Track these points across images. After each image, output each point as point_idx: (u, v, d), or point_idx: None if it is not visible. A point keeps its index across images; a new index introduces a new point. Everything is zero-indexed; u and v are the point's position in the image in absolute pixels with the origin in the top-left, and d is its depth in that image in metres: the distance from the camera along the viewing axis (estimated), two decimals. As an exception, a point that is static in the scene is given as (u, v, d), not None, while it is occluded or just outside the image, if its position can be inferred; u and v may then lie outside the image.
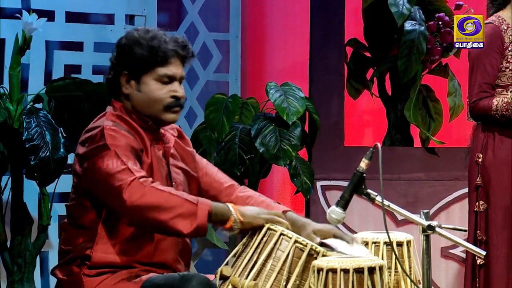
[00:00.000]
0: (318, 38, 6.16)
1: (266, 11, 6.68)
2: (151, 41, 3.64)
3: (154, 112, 3.66)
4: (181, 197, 3.50)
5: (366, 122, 6.74)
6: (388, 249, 3.65)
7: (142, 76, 3.64)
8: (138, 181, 3.48)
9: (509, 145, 4.60)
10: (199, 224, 3.48)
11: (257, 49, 6.66)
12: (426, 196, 6.05)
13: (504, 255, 4.56)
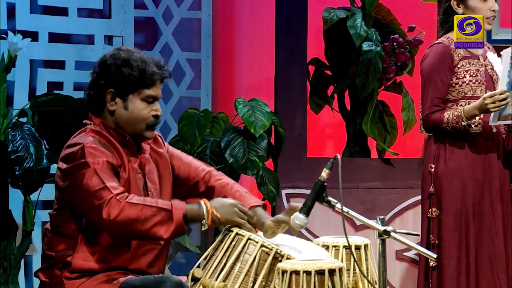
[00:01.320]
0: (283, 57, 6.16)
1: (235, 32, 6.67)
2: (140, 63, 3.64)
3: (137, 130, 3.66)
4: (156, 206, 3.50)
5: (327, 135, 6.74)
6: (347, 252, 3.64)
7: (129, 95, 3.63)
8: (115, 199, 3.47)
9: (459, 156, 4.60)
10: (177, 227, 3.50)
11: (227, 68, 6.64)
12: (382, 203, 6.04)
13: (455, 257, 4.56)
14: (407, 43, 6.14)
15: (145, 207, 3.49)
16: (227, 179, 3.83)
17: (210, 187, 3.79)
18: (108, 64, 3.64)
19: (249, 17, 6.62)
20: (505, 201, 4.61)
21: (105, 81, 3.63)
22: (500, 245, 4.57)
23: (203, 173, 3.82)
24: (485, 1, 4.60)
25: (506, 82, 4.39)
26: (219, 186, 3.79)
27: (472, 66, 4.62)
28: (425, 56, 4.70)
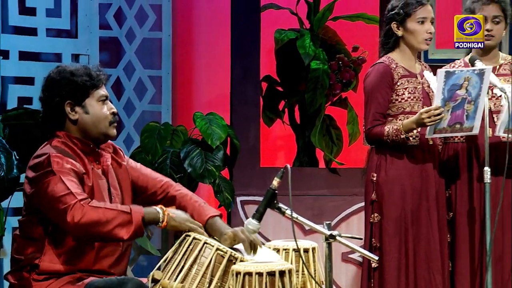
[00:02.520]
0: (238, 74, 6.17)
1: (193, 51, 6.67)
2: (84, 69, 3.68)
3: (102, 129, 3.68)
4: (116, 210, 3.51)
5: (278, 146, 6.74)
6: (296, 255, 3.65)
7: (86, 100, 3.66)
8: (79, 203, 3.47)
9: (399, 166, 4.61)
10: (136, 229, 3.50)
11: (186, 84, 6.63)
12: (329, 209, 6.06)
13: (395, 259, 4.57)
14: (352, 62, 6.18)
15: (106, 210, 3.49)
16: (186, 190, 3.84)
17: (171, 196, 3.79)
18: (57, 80, 3.66)
19: (206, 37, 6.62)
20: (440, 208, 4.64)
21: (60, 96, 3.65)
22: (436, 248, 4.60)
23: (160, 183, 3.82)
24: (423, 24, 4.63)
25: (441, 99, 4.42)
26: (179, 196, 3.79)
27: (410, 84, 4.65)
28: (368, 75, 4.71)
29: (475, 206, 4.61)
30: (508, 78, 4.64)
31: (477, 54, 4.66)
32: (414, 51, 4.69)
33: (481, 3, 4.65)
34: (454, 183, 4.68)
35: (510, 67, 4.71)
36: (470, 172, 4.64)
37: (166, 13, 6.31)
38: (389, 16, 4.68)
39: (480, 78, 4.41)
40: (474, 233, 4.61)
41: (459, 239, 4.64)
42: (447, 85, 4.39)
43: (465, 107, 4.45)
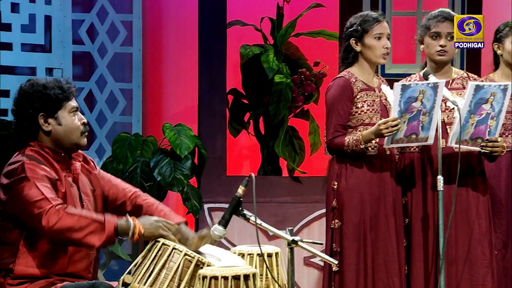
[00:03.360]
0: (205, 87, 6.17)
1: (163, 65, 6.66)
2: (55, 82, 3.68)
3: (74, 139, 3.68)
4: (91, 218, 3.49)
5: (244, 156, 6.74)
6: (260, 259, 3.64)
7: (58, 112, 3.65)
8: (54, 208, 3.45)
9: (358, 174, 4.62)
10: (108, 237, 3.50)
11: (155, 96, 6.61)
12: (292, 215, 6.06)
13: (354, 263, 4.58)
14: (313, 76, 6.21)
15: (81, 217, 3.47)
16: (153, 199, 3.83)
17: (138, 205, 3.78)
18: (30, 93, 3.65)
19: (175, 52, 6.61)
20: (397, 214, 4.66)
21: (33, 108, 3.63)
22: (394, 252, 4.61)
23: (130, 194, 3.81)
24: (379, 39, 4.65)
25: (398, 111, 4.44)
26: (146, 205, 3.79)
27: (369, 97, 4.66)
28: (329, 88, 4.72)
29: (429, 212, 4.63)
30: (460, 92, 4.68)
31: (431, 69, 4.69)
32: (372, 65, 4.71)
33: (436, 20, 4.69)
34: (410, 190, 4.70)
35: (462, 82, 4.75)
36: (425, 181, 4.66)
37: (137, 29, 6.30)
38: (348, 32, 4.70)
39: (434, 91, 4.44)
40: (428, 238, 4.63)
41: (414, 244, 4.65)
42: (403, 98, 4.41)
43: (421, 118, 4.47)
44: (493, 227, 4.70)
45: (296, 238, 3.45)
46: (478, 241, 4.61)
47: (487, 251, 4.61)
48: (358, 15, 4.72)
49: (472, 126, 4.50)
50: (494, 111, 4.49)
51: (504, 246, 4.83)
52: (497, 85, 4.48)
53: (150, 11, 6.49)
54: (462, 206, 4.61)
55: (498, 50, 4.96)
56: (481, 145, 4.54)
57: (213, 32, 6.14)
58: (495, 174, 4.85)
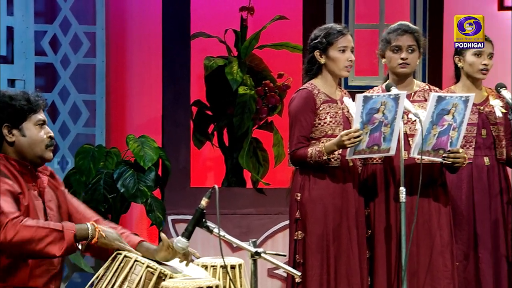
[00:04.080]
0: (169, 99, 6.16)
1: (126, 76, 6.64)
2: (23, 94, 3.67)
3: (38, 152, 3.66)
4: (49, 227, 3.48)
5: (208, 167, 6.74)
6: (224, 271, 3.64)
7: (23, 124, 3.63)
8: (11, 222, 3.43)
9: (321, 186, 4.62)
10: (68, 245, 3.48)
11: (119, 108, 6.59)
12: (256, 227, 6.07)
13: (317, 274, 4.58)
14: (277, 88, 6.23)
15: (39, 228, 3.45)
16: (114, 225, 3.81)
17: None
18: None
19: (139, 63, 6.60)
20: (360, 225, 4.67)
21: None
22: (356, 263, 4.62)
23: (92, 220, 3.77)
24: (343, 52, 4.67)
25: (360, 122, 4.46)
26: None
27: (331, 109, 4.68)
28: (292, 100, 4.73)
29: (391, 224, 4.65)
30: (422, 104, 4.71)
31: (393, 82, 4.73)
32: (336, 77, 4.73)
33: (396, 33, 4.73)
34: (372, 202, 4.72)
35: (423, 94, 4.79)
36: (387, 192, 4.69)
37: (100, 40, 6.28)
38: (313, 44, 4.72)
39: (395, 102, 4.47)
40: (391, 249, 4.65)
41: (377, 255, 4.67)
42: (365, 109, 4.44)
43: (382, 129, 4.50)
44: (454, 238, 4.74)
45: (259, 250, 3.45)
46: (440, 252, 4.64)
47: (449, 262, 4.65)
48: (323, 28, 4.74)
49: (434, 137, 4.54)
50: (455, 122, 4.53)
51: (465, 257, 4.87)
52: (458, 96, 4.52)
53: (113, 23, 6.47)
54: (424, 217, 4.64)
55: (459, 62, 5.01)
56: (443, 156, 4.58)
57: (177, 44, 6.14)
58: (456, 185, 4.89)
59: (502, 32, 6.26)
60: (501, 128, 4.96)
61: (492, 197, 4.91)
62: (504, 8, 6.33)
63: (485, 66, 4.93)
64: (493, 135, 4.94)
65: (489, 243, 4.86)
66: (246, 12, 6.26)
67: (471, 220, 4.88)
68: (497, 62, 5.25)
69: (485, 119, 4.95)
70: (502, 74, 6.00)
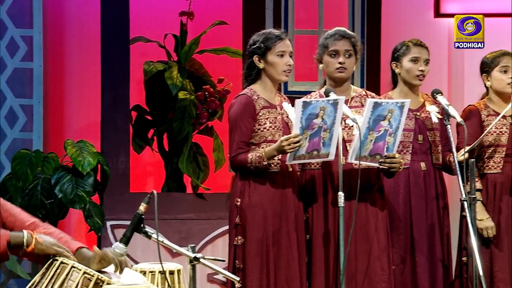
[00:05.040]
0: (108, 104, 6.12)
1: (65, 81, 6.57)
2: None
3: None
4: None
5: (148, 172, 6.70)
6: (162, 277, 3.63)
7: None
8: None
9: (261, 191, 4.63)
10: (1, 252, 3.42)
11: (57, 112, 6.52)
12: (196, 232, 6.06)
13: (257, 279, 4.57)
14: (217, 93, 6.23)
15: None
16: (53, 228, 3.75)
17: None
18: None
19: (77, 67, 6.54)
20: (299, 230, 4.70)
21: None
22: (295, 268, 4.64)
23: (27, 223, 3.72)
24: (282, 57, 4.70)
25: (299, 127, 4.48)
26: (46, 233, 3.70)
27: (271, 115, 4.70)
28: (232, 106, 4.74)
29: (330, 228, 4.68)
30: (359, 110, 4.76)
31: (331, 87, 4.77)
32: (275, 82, 4.75)
33: (333, 38, 4.78)
34: (311, 207, 4.75)
35: (360, 100, 4.84)
36: (326, 197, 4.72)
37: (37, 44, 6.21)
38: (251, 50, 4.73)
39: (334, 107, 4.50)
40: (329, 254, 4.68)
41: (315, 260, 4.70)
42: (304, 115, 4.46)
43: (322, 135, 4.53)
44: (391, 242, 4.80)
45: (198, 255, 3.44)
46: (377, 256, 4.68)
47: (386, 266, 4.70)
48: (261, 33, 4.76)
49: (371, 143, 4.58)
50: (392, 127, 4.59)
51: (402, 261, 4.93)
52: (394, 102, 4.58)
53: (51, 26, 6.40)
54: (361, 221, 4.69)
55: (396, 68, 5.07)
56: (380, 161, 4.63)
57: (116, 48, 6.10)
58: (393, 190, 4.95)
59: (438, 39, 6.36)
60: (437, 133, 5.03)
61: (429, 201, 4.98)
62: (440, 15, 6.44)
63: (421, 72, 5.01)
64: (430, 140, 5.02)
65: (426, 247, 4.93)
66: (186, 17, 6.25)
67: (408, 224, 4.94)
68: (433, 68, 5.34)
69: (421, 125, 5.02)
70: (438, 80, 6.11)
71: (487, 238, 5.01)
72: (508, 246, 5.02)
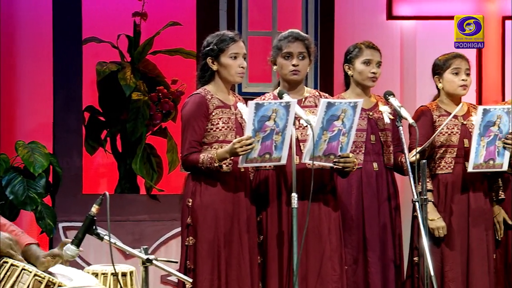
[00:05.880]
0: (60, 104, 6.07)
1: (16, 80, 6.51)
2: None
3: None
4: None
5: (101, 173, 6.66)
6: (114, 279, 3.61)
7: None
8: None
9: (213, 192, 4.62)
10: None
11: (8, 113, 6.45)
12: (149, 233, 6.03)
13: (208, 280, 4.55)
14: (171, 94, 6.21)
15: None
16: (4, 220, 3.70)
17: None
18: None
19: (29, 67, 6.48)
20: (251, 231, 4.70)
21: None
22: (247, 269, 4.64)
23: None
24: (235, 59, 4.69)
25: (251, 129, 4.48)
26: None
27: (224, 115, 4.69)
28: (185, 105, 4.72)
29: (283, 229, 4.70)
30: (313, 110, 4.78)
31: (284, 88, 4.78)
32: (228, 84, 4.75)
33: (287, 40, 4.79)
34: (265, 207, 4.75)
35: (314, 100, 4.86)
36: (280, 197, 4.73)
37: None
38: (205, 51, 4.72)
39: (286, 110, 4.51)
40: (283, 254, 4.69)
41: (269, 260, 4.70)
42: (257, 116, 4.46)
43: (274, 138, 4.53)
44: (344, 242, 4.82)
45: (151, 257, 3.43)
46: (329, 257, 4.71)
47: (337, 266, 4.72)
48: (215, 34, 4.75)
49: (324, 143, 4.61)
50: (345, 127, 4.62)
51: (354, 261, 4.96)
52: (347, 102, 4.61)
53: (3, 26, 6.34)
54: (314, 222, 4.70)
55: (349, 71, 5.11)
56: (334, 161, 4.65)
57: (68, 49, 6.05)
58: (346, 190, 4.98)
59: (391, 41, 6.42)
60: (389, 134, 5.08)
61: (381, 202, 5.02)
62: (392, 18, 6.49)
63: (373, 74, 5.05)
64: (381, 141, 5.06)
65: (378, 247, 4.97)
66: (139, 17, 6.23)
67: (361, 224, 4.98)
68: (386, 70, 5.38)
69: (374, 125, 5.06)
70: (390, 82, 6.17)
71: (438, 238, 5.07)
72: (458, 245, 5.08)
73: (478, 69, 6.34)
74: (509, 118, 4.91)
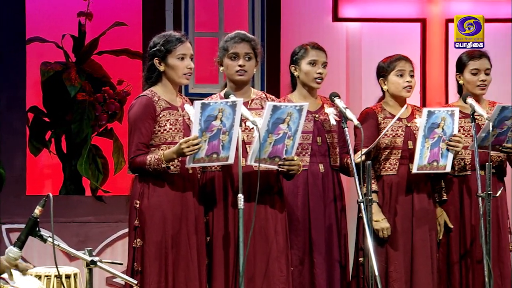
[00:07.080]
0: (3, 105, 6.00)
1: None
2: None
3: None
4: None
5: (46, 175, 6.59)
6: (58, 281, 3.57)
7: None
8: None
9: (160, 193, 4.60)
10: None
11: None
12: (95, 235, 5.99)
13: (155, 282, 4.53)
14: (117, 94, 6.17)
15: None
16: None
17: None
18: None
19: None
20: (199, 232, 4.69)
21: None
22: (195, 271, 4.62)
23: None
24: (182, 60, 4.67)
25: (198, 129, 4.47)
26: None
27: (172, 116, 4.68)
28: (132, 106, 4.70)
29: (230, 230, 4.69)
30: (259, 112, 4.78)
31: (231, 89, 4.78)
32: (175, 85, 4.73)
33: (234, 41, 4.79)
34: (211, 208, 4.75)
35: (260, 102, 4.87)
36: (226, 199, 4.73)
37: None
38: (152, 52, 4.70)
39: (232, 109, 4.51)
40: (229, 255, 4.69)
41: (215, 262, 4.70)
42: (203, 116, 4.45)
43: (221, 137, 4.53)
44: (290, 243, 4.84)
45: (95, 259, 3.40)
46: (276, 257, 4.72)
47: (284, 267, 4.73)
48: (162, 35, 4.73)
49: (270, 145, 4.62)
50: (290, 130, 4.63)
51: (301, 262, 4.98)
52: (293, 106, 4.63)
53: None
54: (261, 223, 4.71)
55: (295, 71, 5.13)
56: (279, 164, 4.66)
57: (11, 48, 5.98)
58: (292, 192, 4.99)
59: (337, 42, 6.46)
60: (335, 135, 5.11)
61: (327, 203, 5.04)
62: (338, 19, 6.53)
63: (319, 75, 5.07)
64: (328, 142, 5.08)
65: (324, 248, 4.99)
66: (84, 17, 6.18)
67: (307, 226, 5.00)
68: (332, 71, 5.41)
69: (320, 127, 5.08)
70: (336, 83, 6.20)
71: (382, 238, 5.11)
72: (402, 246, 5.13)
73: (422, 71, 6.41)
74: (453, 121, 4.98)
